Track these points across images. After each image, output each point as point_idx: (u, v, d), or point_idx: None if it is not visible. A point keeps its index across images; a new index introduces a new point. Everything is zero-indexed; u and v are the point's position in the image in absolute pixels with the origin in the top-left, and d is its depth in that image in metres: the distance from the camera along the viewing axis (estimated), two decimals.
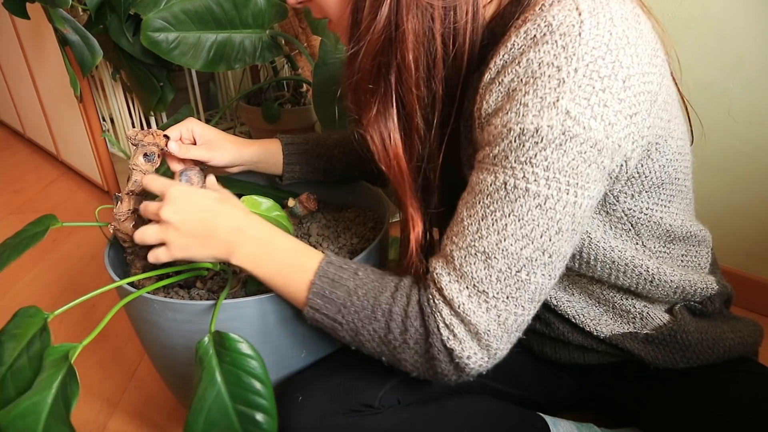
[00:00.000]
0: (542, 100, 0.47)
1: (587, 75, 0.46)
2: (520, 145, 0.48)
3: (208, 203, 0.59)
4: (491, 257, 0.50)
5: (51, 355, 0.54)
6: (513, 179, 0.48)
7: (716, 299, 0.67)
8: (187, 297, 0.72)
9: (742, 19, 0.97)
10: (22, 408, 0.50)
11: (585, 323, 0.67)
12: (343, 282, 0.56)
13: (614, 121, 0.48)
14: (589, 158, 0.48)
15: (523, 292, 0.51)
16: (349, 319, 0.55)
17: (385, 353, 0.56)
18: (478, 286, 0.51)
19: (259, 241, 0.59)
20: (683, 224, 0.63)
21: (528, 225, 0.49)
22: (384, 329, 0.54)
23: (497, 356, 0.53)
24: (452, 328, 0.51)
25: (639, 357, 0.66)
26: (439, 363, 0.53)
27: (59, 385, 0.51)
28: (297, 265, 0.58)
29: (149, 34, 1.06)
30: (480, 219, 0.50)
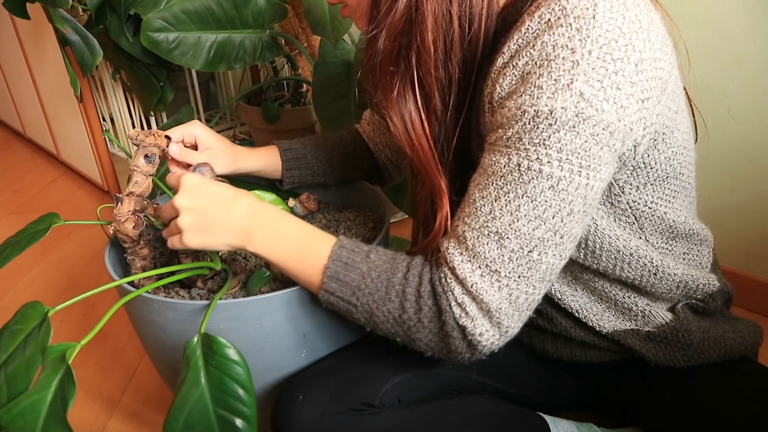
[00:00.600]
0: (556, 82, 0.47)
1: (601, 57, 0.47)
2: (534, 127, 0.49)
3: (222, 191, 0.61)
4: (504, 237, 0.51)
5: (50, 354, 0.54)
6: (527, 161, 0.49)
7: (718, 297, 0.67)
8: (187, 297, 0.72)
9: (742, 19, 0.97)
10: (22, 407, 0.50)
11: (588, 318, 0.67)
12: (356, 265, 0.57)
13: (626, 104, 0.48)
14: (601, 140, 0.49)
15: (535, 271, 0.52)
16: (364, 301, 0.57)
17: (399, 334, 0.57)
18: (490, 265, 0.51)
19: (273, 227, 0.60)
20: (686, 221, 0.63)
21: (541, 206, 0.50)
22: (398, 309, 0.55)
23: (509, 334, 0.54)
24: (464, 306, 0.52)
25: (640, 354, 0.66)
26: (452, 341, 0.54)
27: (57, 385, 0.52)
28: (311, 249, 0.59)
29: (149, 34, 1.06)
30: (493, 200, 0.51)
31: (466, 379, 0.73)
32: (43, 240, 1.62)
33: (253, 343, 0.66)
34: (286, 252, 0.60)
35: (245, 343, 0.63)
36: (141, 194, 0.69)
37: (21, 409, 0.50)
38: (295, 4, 1.38)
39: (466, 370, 0.73)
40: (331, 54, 1.18)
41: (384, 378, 0.67)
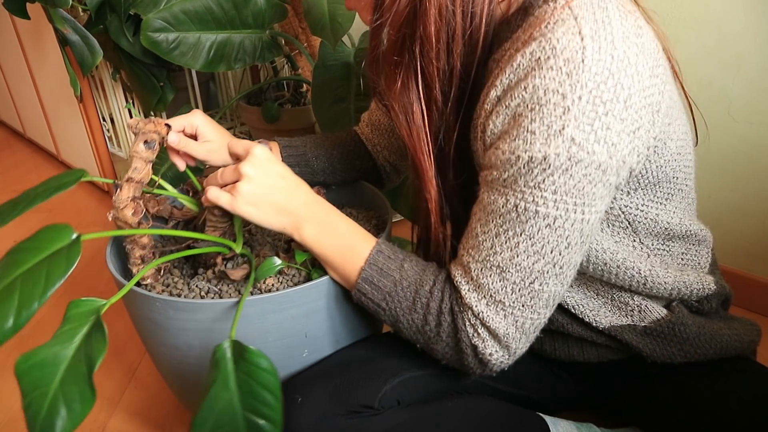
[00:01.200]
0: (548, 128, 0.49)
1: (590, 101, 0.48)
2: (528, 171, 0.50)
3: (288, 174, 0.63)
4: (505, 271, 0.54)
5: (76, 308, 0.50)
6: (523, 202, 0.51)
7: (713, 299, 0.68)
8: (186, 289, 0.72)
9: (742, 19, 0.97)
10: (41, 357, 0.47)
11: (584, 314, 0.68)
12: (390, 272, 0.61)
13: (617, 141, 0.50)
14: (594, 179, 0.50)
15: (537, 300, 0.55)
16: (392, 307, 0.60)
17: (420, 341, 0.61)
18: (494, 296, 0.55)
19: (323, 220, 0.63)
20: (682, 222, 0.63)
21: (539, 243, 0.52)
22: (421, 321, 0.59)
23: (517, 354, 0.58)
24: (476, 328, 0.56)
25: (637, 349, 0.67)
26: (465, 357, 0.58)
27: (83, 339, 0.48)
28: (353, 248, 0.63)
29: (149, 34, 1.06)
30: (494, 236, 0.54)
31: (466, 379, 0.73)
32: None
33: (255, 342, 0.65)
34: (331, 247, 0.63)
35: (246, 342, 0.63)
36: (140, 180, 0.68)
37: (39, 360, 0.46)
38: (295, 4, 1.38)
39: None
40: (331, 56, 1.18)
41: (383, 380, 0.67)
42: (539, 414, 0.72)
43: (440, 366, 0.72)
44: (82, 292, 1.26)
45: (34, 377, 0.46)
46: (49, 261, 0.50)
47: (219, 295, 0.70)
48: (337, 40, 1.05)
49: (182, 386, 0.77)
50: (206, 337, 0.65)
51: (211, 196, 0.62)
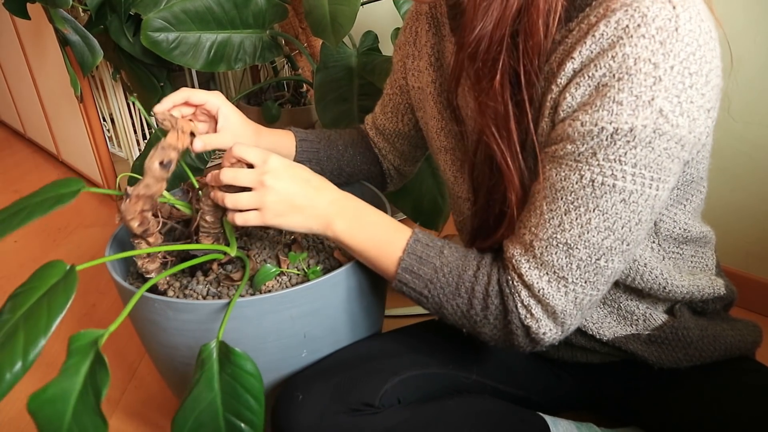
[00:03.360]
0: (637, 99, 0.47)
1: (681, 72, 0.47)
2: (611, 143, 0.49)
3: (310, 176, 0.63)
4: (573, 248, 0.52)
5: (76, 341, 0.52)
6: (601, 176, 0.50)
7: (718, 301, 0.68)
8: (187, 291, 0.72)
9: (742, 20, 0.97)
10: (50, 394, 0.49)
11: (587, 327, 0.67)
12: (429, 260, 0.59)
13: (696, 116, 0.49)
14: (673, 153, 0.49)
15: (600, 276, 0.54)
16: (435, 294, 0.59)
17: (466, 326, 0.60)
18: (558, 272, 0.53)
19: (354, 215, 0.63)
20: (694, 224, 0.64)
21: (611, 218, 0.51)
22: (467, 305, 0.58)
23: (569, 330, 0.57)
24: (530, 308, 0.55)
25: (642, 358, 0.67)
26: (516, 337, 0.57)
27: (87, 372, 0.50)
28: (388, 240, 0.62)
29: (149, 34, 1.06)
30: (563, 213, 0.52)
31: (467, 379, 0.73)
32: (43, 240, 1.62)
33: (253, 342, 0.66)
34: (366, 241, 0.62)
35: (245, 343, 0.63)
36: (151, 195, 0.68)
37: (49, 396, 0.48)
38: (295, 4, 1.38)
39: (466, 371, 0.73)
40: (333, 58, 1.18)
41: (384, 378, 0.67)
42: (539, 414, 0.72)
43: (441, 365, 0.72)
44: (83, 291, 1.26)
45: (47, 413, 0.48)
46: (48, 295, 0.52)
47: (219, 297, 0.70)
48: (338, 42, 1.05)
49: (181, 386, 0.77)
50: (205, 337, 0.65)
51: (240, 222, 0.61)
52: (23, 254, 1.49)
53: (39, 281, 0.54)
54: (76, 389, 0.49)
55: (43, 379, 0.95)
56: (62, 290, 0.52)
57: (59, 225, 1.64)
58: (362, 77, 1.19)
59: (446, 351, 0.74)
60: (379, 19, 1.48)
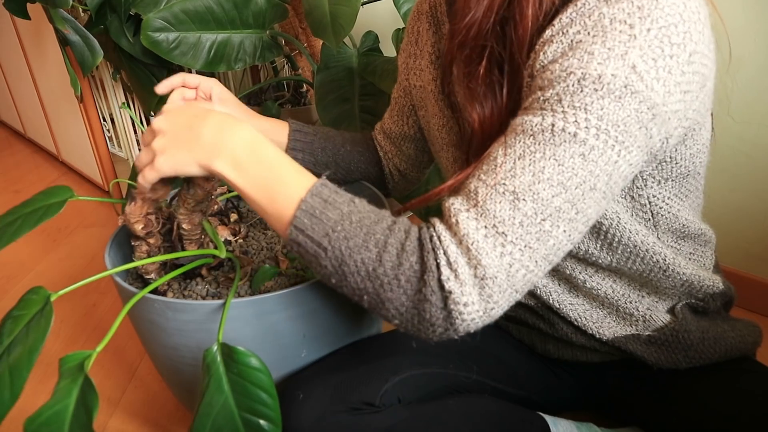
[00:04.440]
0: (610, 51, 0.46)
1: (659, 37, 0.46)
2: (578, 90, 0.46)
3: (199, 108, 0.57)
4: (520, 199, 0.47)
5: (66, 363, 0.55)
6: (563, 122, 0.46)
7: (718, 298, 0.68)
8: (185, 293, 0.72)
9: (742, 19, 0.97)
10: (45, 417, 0.51)
11: (587, 326, 0.67)
12: (337, 205, 0.51)
13: (673, 91, 0.47)
14: (643, 119, 0.47)
15: (542, 244, 0.47)
16: (336, 246, 0.50)
17: (368, 290, 0.49)
18: (498, 226, 0.47)
19: (247, 147, 0.54)
20: (693, 220, 0.64)
21: (566, 172, 0.47)
22: (374, 261, 0.48)
23: (492, 313, 0.48)
24: (456, 267, 0.46)
25: (642, 359, 0.67)
26: (429, 307, 0.47)
27: (78, 394, 0.53)
28: (288, 179, 0.53)
29: (149, 34, 1.06)
30: (517, 158, 0.48)
31: (467, 378, 0.73)
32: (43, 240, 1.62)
33: (253, 342, 0.66)
34: (257, 177, 0.53)
35: (245, 343, 0.63)
36: (156, 199, 0.69)
37: (45, 418, 0.51)
38: (295, 4, 1.38)
39: (466, 370, 0.73)
40: (333, 58, 1.19)
41: (384, 377, 0.67)
42: (539, 413, 0.72)
43: (441, 365, 0.72)
44: (83, 291, 1.26)
45: None
46: (28, 328, 0.55)
47: (219, 297, 0.70)
48: (338, 42, 1.05)
49: (181, 387, 0.77)
50: (204, 337, 0.65)
51: (141, 181, 0.58)
52: (23, 254, 1.49)
53: (23, 309, 0.57)
54: (70, 411, 0.52)
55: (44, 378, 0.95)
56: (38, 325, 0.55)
57: (59, 225, 1.64)
58: (363, 77, 1.19)
59: (447, 350, 0.74)
60: (379, 19, 1.48)
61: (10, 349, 0.55)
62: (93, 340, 1.12)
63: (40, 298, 0.57)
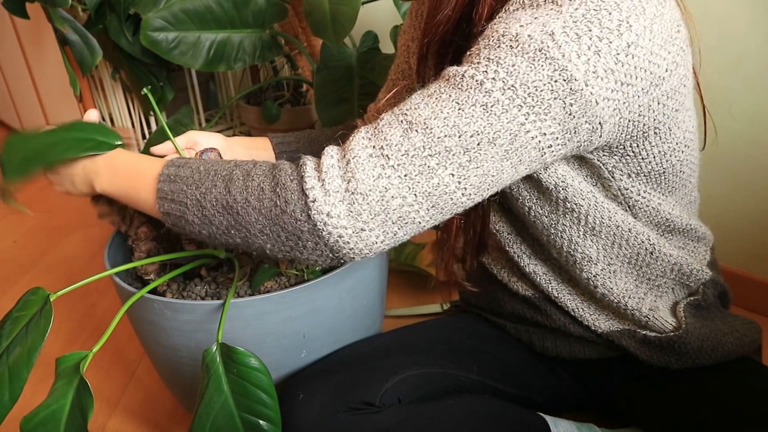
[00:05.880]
0: (534, 19, 0.47)
1: (587, 17, 0.47)
2: (495, 45, 0.48)
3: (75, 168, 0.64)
4: (413, 129, 0.48)
5: (62, 364, 0.55)
6: (473, 70, 0.48)
7: (710, 286, 0.68)
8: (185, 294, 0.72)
9: (743, 19, 0.97)
10: (42, 416, 0.52)
11: (584, 317, 0.67)
12: (188, 165, 0.56)
13: (602, 75, 0.47)
14: (557, 89, 0.47)
15: (424, 180, 0.47)
16: (192, 196, 0.53)
17: (232, 225, 0.51)
18: (384, 149, 0.48)
19: (110, 165, 0.61)
20: (681, 216, 0.63)
21: (464, 117, 0.47)
22: (224, 193, 0.51)
23: (365, 237, 0.48)
24: (325, 177, 0.47)
25: (634, 355, 0.67)
26: (289, 220, 0.48)
27: (74, 395, 0.53)
28: (147, 167, 0.59)
29: (149, 34, 1.06)
30: (426, 95, 0.50)
31: (467, 378, 0.73)
32: (43, 240, 1.61)
33: (253, 342, 0.66)
34: (124, 180, 0.60)
35: (245, 343, 0.63)
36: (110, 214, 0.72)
37: (41, 418, 0.52)
38: (295, 3, 1.38)
39: (466, 370, 0.73)
40: (333, 58, 1.18)
41: (384, 377, 0.67)
42: (540, 414, 0.72)
43: (442, 364, 0.72)
44: (83, 291, 1.26)
45: None
46: (27, 328, 0.56)
47: (218, 297, 0.70)
48: (339, 42, 1.05)
49: (180, 387, 0.77)
50: (203, 338, 0.65)
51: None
52: (23, 254, 1.49)
53: (22, 310, 0.58)
54: (65, 410, 0.53)
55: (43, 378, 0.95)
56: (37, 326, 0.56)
57: (59, 225, 1.64)
58: (362, 77, 1.19)
59: (447, 350, 0.74)
60: (379, 18, 1.48)
61: (10, 349, 0.55)
62: (92, 341, 1.12)
63: (39, 298, 0.57)
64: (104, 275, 0.65)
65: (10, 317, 0.57)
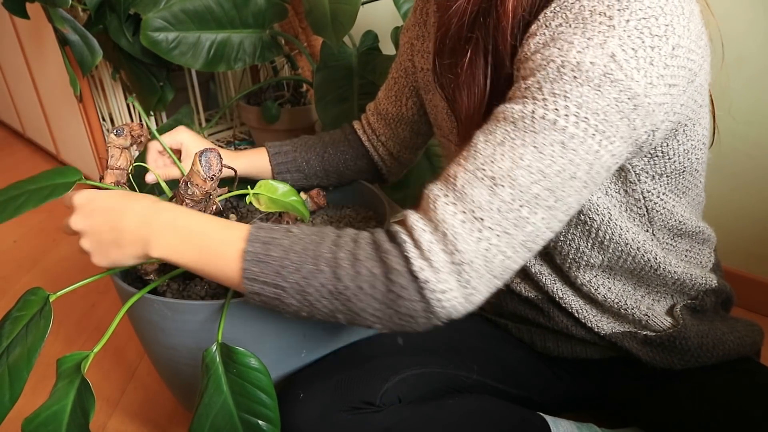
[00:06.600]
0: (589, 40, 0.46)
1: (638, 28, 0.46)
2: (558, 77, 0.47)
3: (113, 201, 0.55)
4: (498, 184, 0.47)
5: (64, 364, 0.55)
6: (542, 109, 0.47)
7: (711, 294, 0.68)
8: (185, 294, 0.72)
9: (743, 19, 0.97)
10: (44, 417, 0.52)
11: (587, 318, 0.67)
12: (277, 242, 0.51)
13: (656, 83, 0.47)
14: (624, 109, 0.47)
15: (520, 231, 0.47)
16: (292, 280, 0.50)
17: (339, 309, 0.50)
18: (475, 211, 0.47)
19: (174, 227, 0.54)
20: (690, 218, 0.64)
21: (546, 159, 0.47)
22: (332, 280, 0.49)
23: (473, 299, 0.48)
24: (430, 255, 0.47)
25: (636, 357, 0.67)
26: (405, 302, 0.47)
27: (75, 395, 0.53)
28: (223, 239, 0.53)
29: (149, 34, 1.06)
30: (497, 144, 0.48)
31: (467, 378, 0.73)
32: (43, 240, 1.61)
33: (253, 342, 0.65)
34: (195, 250, 0.53)
35: (245, 343, 0.63)
36: (120, 167, 0.72)
37: (43, 419, 0.52)
38: (295, 3, 1.38)
39: (466, 370, 0.73)
40: (333, 57, 1.18)
41: (384, 377, 0.67)
42: (540, 414, 0.72)
43: (442, 364, 0.72)
44: (83, 291, 1.26)
45: None
46: (27, 328, 0.56)
47: (218, 297, 0.70)
48: (339, 40, 1.05)
49: (180, 387, 0.77)
50: (204, 338, 0.65)
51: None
52: (23, 254, 1.49)
53: (22, 311, 0.57)
54: (67, 411, 0.53)
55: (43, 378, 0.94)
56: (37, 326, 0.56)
57: (59, 225, 1.63)
58: (362, 76, 1.19)
59: (447, 350, 0.74)
60: (379, 18, 1.48)
61: (10, 350, 0.55)
62: (92, 341, 1.12)
63: (39, 298, 0.57)
64: (104, 275, 0.65)
65: (10, 317, 0.57)
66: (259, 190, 0.73)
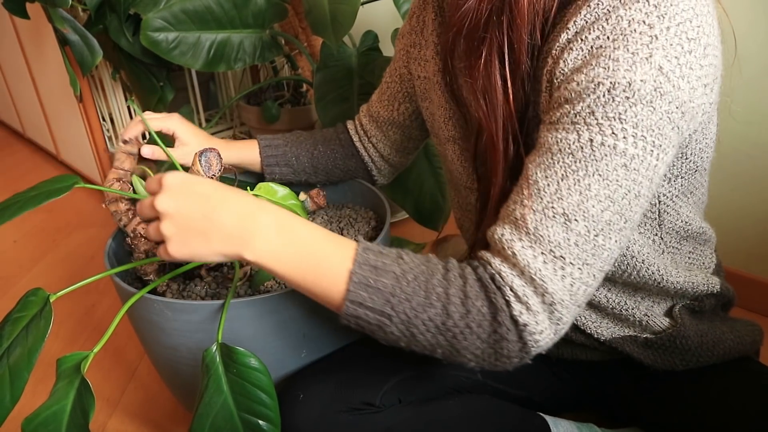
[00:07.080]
0: (634, 55, 0.46)
1: (678, 35, 0.46)
2: (609, 100, 0.46)
3: (211, 189, 0.51)
4: (571, 219, 0.47)
5: (63, 364, 0.55)
6: (600, 136, 0.46)
7: (712, 298, 0.68)
8: (186, 294, 0.72)
9: (743, 19, 0.97)
10: (43, 417, 0.52)
11: (587, 326, 0.67)
12: (388, 268, 0.49)
13: (695, 86, 0.48)
14: (674, 119, 0.47)
15: (597, 258, 0.48)
16: (400, 310, 0.48)
17: (441, 344, 0.49)
18: (555, 251, 0.47)
19: (278, 230, 0.50)
20: (695, 219, 0.64)
21: (612, 185, 0.47)
22: (442, 315, 0.48)
23: (559, 332, 0.49)
24: (526, 299, 0.47)
25: (638, 360, 0.67)
26: (506, 344, 0.48)
27: (75, 395, 0.53)
28: (327, 254, 0.50)
29: (149, 34, 1.06)
30: (560, 179, 0.48)
31: (468, 379, 0.73)
32: (43, 240, 1.61)
33: (253, 342, 0.66)
34: (296, 260, 0.50)
35: (245, 343, 0.63)
36: (123, 168, 0.75)
37: (43, 419, 0.52)
38: (295, 3, 1.38)
39: (467, 371, 0.73)
40: (333, 57, 1.18)
41: (384, 377, 0.67)
42: (540, 414, 0.72)
43: (441, 365, 0.72)
44: (83, 291, 1.26)
45: None
46: (27, 329, 0.56)
47: (218, 297, 0.70)
48: (338, 40, 1.05)
49: (180, 387, 0.77)
50: (203, 338, 0.65)
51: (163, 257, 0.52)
52: (23, 254, 1.49)
53: (22, 311, 0.58)
54: (67, 411, 0.53)
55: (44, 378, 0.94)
56: (37, 326, 0.56)
57: (59, 225, 1.64)
58: (362, 77, 1.19)
59: None
60: (379, 18, 1.48)
61: (10, 350, 0.55)
62: (92, 341, 1.12)
63: (39, 299, 0.58)
64: (104, 275, 0.65)
65: (11, 318, 0.57)
66: (259, 192, 0.73)
